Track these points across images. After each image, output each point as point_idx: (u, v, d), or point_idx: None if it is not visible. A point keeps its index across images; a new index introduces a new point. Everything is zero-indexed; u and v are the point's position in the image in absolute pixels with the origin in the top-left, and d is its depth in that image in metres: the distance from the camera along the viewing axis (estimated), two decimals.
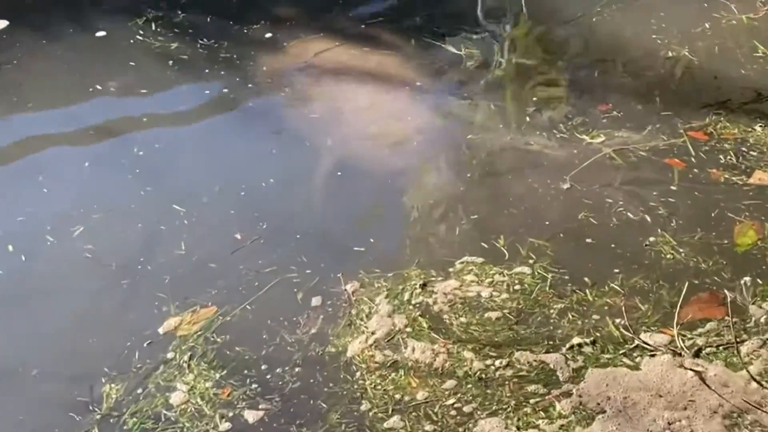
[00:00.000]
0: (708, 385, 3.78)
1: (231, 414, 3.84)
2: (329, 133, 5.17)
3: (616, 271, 4.43)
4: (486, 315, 4.24)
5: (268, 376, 4.02)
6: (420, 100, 5.41)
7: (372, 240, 4.63)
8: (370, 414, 3.81)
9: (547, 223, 4.70)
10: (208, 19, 5.91)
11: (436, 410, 3.81)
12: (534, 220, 4.73)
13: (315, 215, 4.80)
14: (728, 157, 4.87)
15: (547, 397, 3.83)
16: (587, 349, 4.03)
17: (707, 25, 5.75)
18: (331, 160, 4.93)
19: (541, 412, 3.74)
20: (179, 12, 5.96)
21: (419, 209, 4.80)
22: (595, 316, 4.21)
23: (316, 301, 4.40)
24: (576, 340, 4.09)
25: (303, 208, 4.83)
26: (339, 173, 4.95)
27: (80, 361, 4.01)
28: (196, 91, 5.57)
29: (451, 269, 4.52)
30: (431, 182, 4.92)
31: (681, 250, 4.41)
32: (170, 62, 5.69)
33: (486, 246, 4.62)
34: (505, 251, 4.59)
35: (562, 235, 4.58)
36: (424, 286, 4.38)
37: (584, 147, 5.08)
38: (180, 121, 5.36)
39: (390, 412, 3.82)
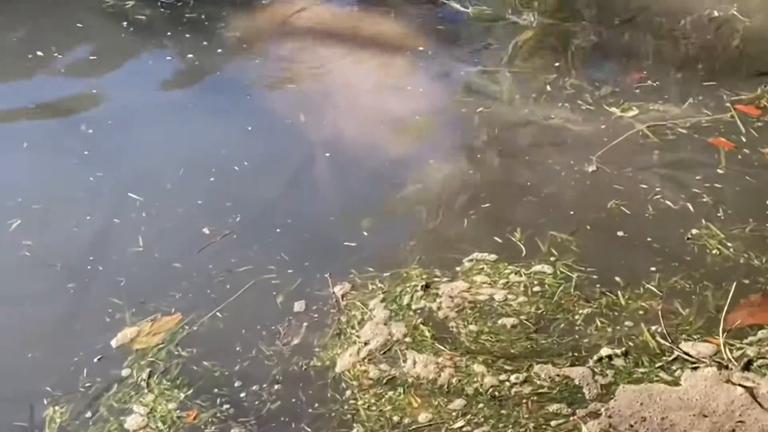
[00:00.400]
0: (760, 404, 3.82)
1: None
2: (314, 109, 5.23)
3: (653, 269, 4.47)
4: (500, 322, 4.29)
5: (243, 395, 4.05)
6: (421, 68, 5.51)
7: (365, 234, 4.69)
8: None
9: (571, 213, 4.76)
10: None
11: None
12: (555, 210, 4.79)
13: (297, 205, 4.84)
14: None
15: (571, 419, 3.87)
16: (618, 362, 4.06)
17: None
18: (317, 141, 5.01)
19: None
20: None
21: (421, 198, 4.86)
22: (627, 323, 4.26)
23: (298, 306, 4.44)
24: (605, 352, 4.13)
25: (283, 197, 4.89)
26: (327, 155, 4.99)
27: (18, 380, 4.03)
28: (155, 58, 5.67)
29: (458, 268, 4.55)
30: (435, 166, 5.00)
31: (729, 245, 4.48)
32: (125, 24, 5.80)
33: (500, 240, 4.66)
34: (522, 247, 4.64)
35: (588, 227, 4.65)
36: (426, 287, 4.41)
37: (613, 122, 5.16)
38: (136, 93, 5.43)
39: None
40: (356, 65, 5.50)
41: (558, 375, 3.99)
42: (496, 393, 3.95)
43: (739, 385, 3.91)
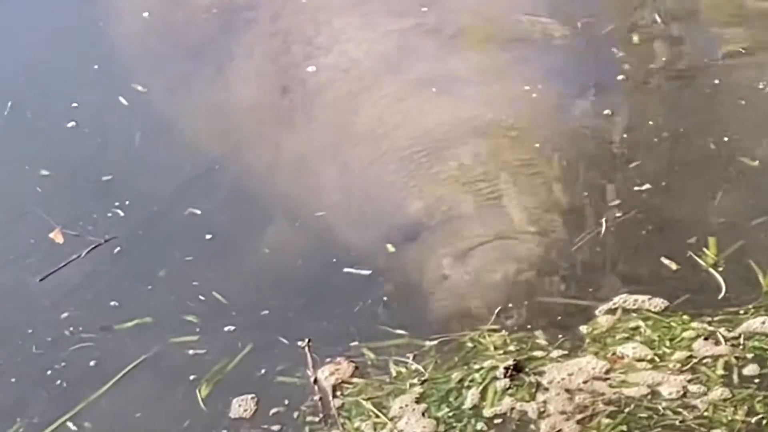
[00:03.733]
0: None
1: None
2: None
3: None
4: None
5: None
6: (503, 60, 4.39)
7: (390, 249, 3.77)
8: None
9: None
10: None
11: None
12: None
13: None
14: None
15: None
16: None
17: None
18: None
19: None
20: None
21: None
22: None
23: (239, 406, 3.37)
24: None
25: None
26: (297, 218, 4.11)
27: None
28: None
29: (584, 328, 3.51)
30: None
31: None
32: None
33: (672, 266, 3.66)
34: (718, 278, 3.63)
35: None
36: (515, 370, 3.39)
37: None
38: None
39: None
40: (370, 41, 4.39)
41: None
42: None
43: None
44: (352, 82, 4.29)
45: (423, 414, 3.36)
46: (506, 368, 3.40)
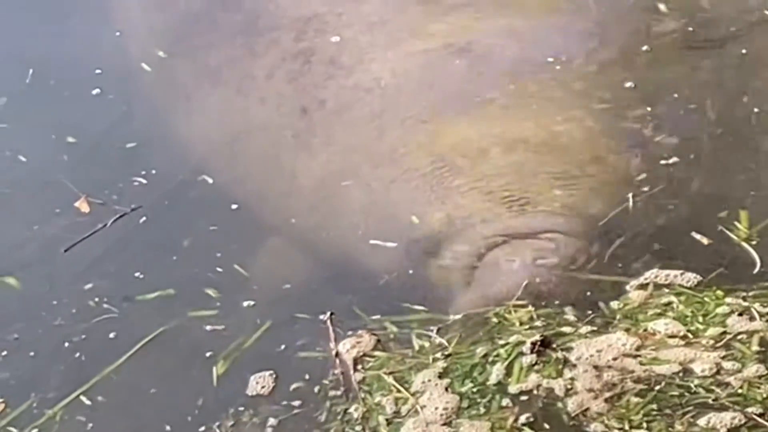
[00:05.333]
0: None
1: None
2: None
3: None
4: (704, 422, 3.20)
5: None
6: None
7: (414, 221, 3.76)
8: None
9: None
10: None
11: None
12: None
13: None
14: None
15: None
16: None
17: None
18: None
19: None
20: None
21: None
22: None
23: (257, 383, 3.37)
24: None
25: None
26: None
27: None
28: None
29: (615, 303, 3.47)
30: None
31: None
32: None
33: (704, 241, 3.61)
34: (752, 252, 3.57)
35: None
36: (543, 345, 3.33)
37: None
38: None
39: None
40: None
41: None
42: None
43: None
44: (374, 102, 4.14)
45: (446, 389, 3.33)
46: (533, 343, 3.34)
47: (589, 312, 3.53)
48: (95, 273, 3.79)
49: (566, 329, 3.44)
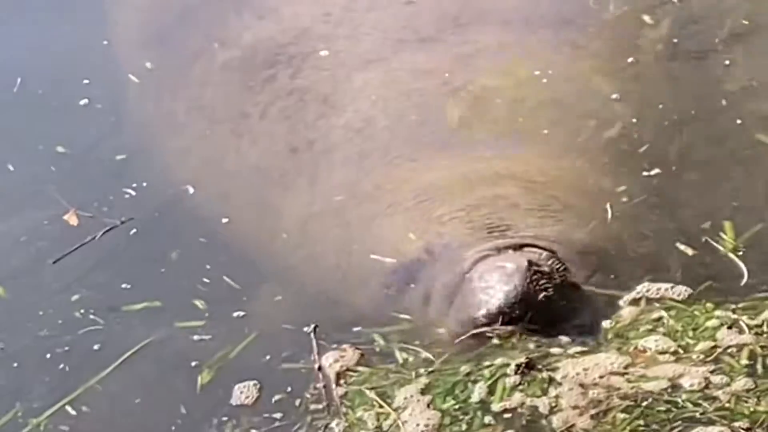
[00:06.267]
0: None
1: None
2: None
3: None
4: None
5: None
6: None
7: (413, 239, 3.77)
8: None
9: None
10: None
11: None
12: None
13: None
14: None
15: None
16: None
17: None
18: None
19: None
20: None
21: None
22: None
23: (242, 392, 3.36)
24: None
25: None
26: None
27: None
28: None
29: (608, 321, 3.46)
30: None
31: None
32: None
33: (689, 251, 3.59)
34: (739, 263, 3.57)
35: None
36: (527, 367, 3.30)
37: None
38: None
39: None
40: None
41: None
42: None
43: None
44: (364, 142, 4.11)
45: (428, 405, 3.31)
46: (518, 365, 3.33)
47: (581, 332, 3.50)
48: (83, 284, 3.81)
49: (555, 350, 3.42)
